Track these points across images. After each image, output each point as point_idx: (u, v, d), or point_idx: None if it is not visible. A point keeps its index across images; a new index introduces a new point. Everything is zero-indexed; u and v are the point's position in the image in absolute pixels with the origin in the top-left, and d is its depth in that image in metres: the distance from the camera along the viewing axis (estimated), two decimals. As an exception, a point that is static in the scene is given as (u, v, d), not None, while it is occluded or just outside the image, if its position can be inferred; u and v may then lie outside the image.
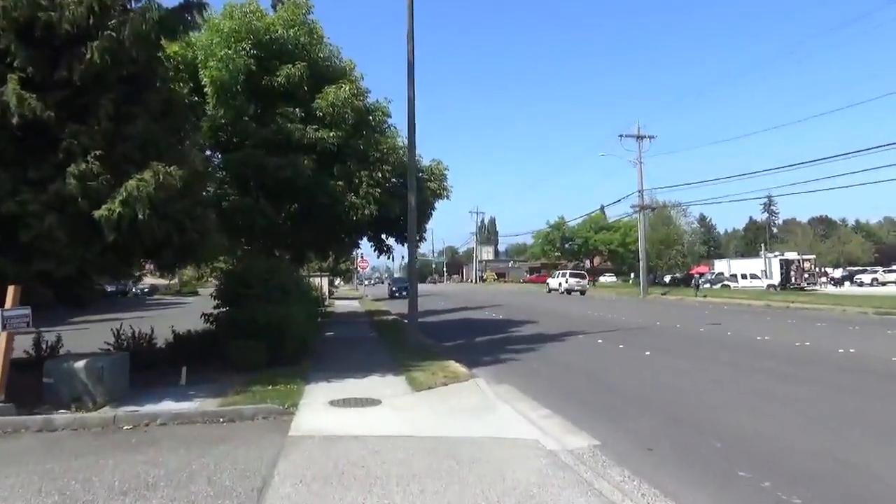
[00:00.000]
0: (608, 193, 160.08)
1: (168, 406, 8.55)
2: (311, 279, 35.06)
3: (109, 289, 62.98)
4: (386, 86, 76.05)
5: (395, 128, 17.90)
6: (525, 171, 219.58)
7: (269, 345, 11.46)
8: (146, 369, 11.10)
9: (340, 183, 16.01)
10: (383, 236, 20.19)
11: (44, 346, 11.48)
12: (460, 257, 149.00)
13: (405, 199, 17.84)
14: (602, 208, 79.63)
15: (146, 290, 67.72)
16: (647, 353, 13.74)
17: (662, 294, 46.80)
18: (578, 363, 13.02)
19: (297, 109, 15.82)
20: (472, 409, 8.61)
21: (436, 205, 20.15)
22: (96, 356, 9.25)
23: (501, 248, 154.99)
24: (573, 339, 17.12)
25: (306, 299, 12.96)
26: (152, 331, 12.00)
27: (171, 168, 9.15)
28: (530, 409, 8.67)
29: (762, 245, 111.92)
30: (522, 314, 27.26)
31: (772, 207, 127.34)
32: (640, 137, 48.59)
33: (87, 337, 13.54)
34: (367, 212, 16.03)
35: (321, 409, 8.46)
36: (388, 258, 65.20)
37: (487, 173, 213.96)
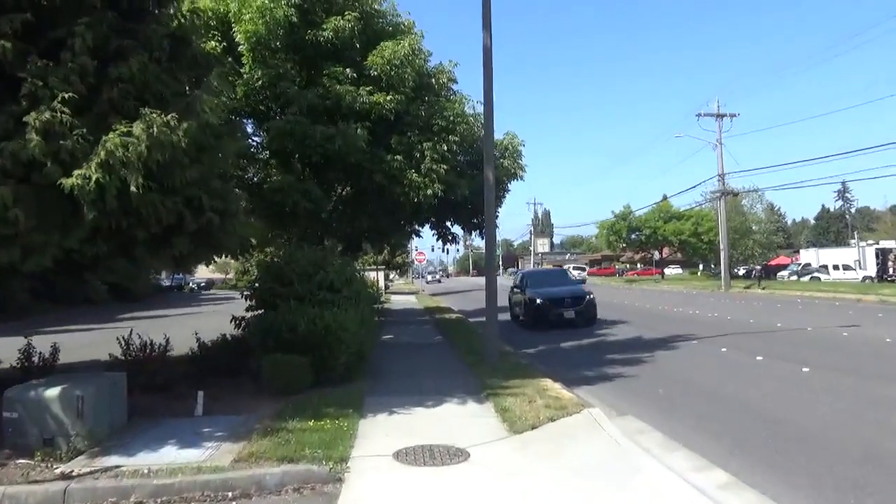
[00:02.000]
0: (676, 182, 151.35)
1: (168, 455, 5.97)
2: (365, 273, 32.71)
3: (166, 283, 63.14)
4: (449, 51, 71.96)
5: (463, 94, 15.00)
6: (584, 161, 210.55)
7: (314, 360, 8.83)
8: (158, 391, 8.62)
9: (399, 157, 13.27)
10: (448, 223, 17.39)
11: (36, 359, 9.17)
12: (515, 250, 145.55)
13: (474, 178, 15.06)
14: (665, 198, 74.91)
15: (202, 284, 67.35)
16: (805, 369, 10.48)
17: (746, 288, 42.49)
18: (715, 383, 9.90)
19: (348, 70, 13.14)
20: (605, 469, 5.70)
21: (510, 186, 17.20)
22: (78, 380, 6.76)
23: (556, 240, 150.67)
24: (686, 346, 13.91)
25: (362, 299, 10.22)
26: (167, 340, 9.51)
27: (170, 117, 6.54)
28: (694, 469, 5.68)
29: (836, 235, 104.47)
30: (602, 311, 24.01)
31: (846, 195, 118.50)
32: (719, 116, 44.10)
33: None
34: (430, 192, 13.24)
35: (383, 468, 5.70)
36: (444, 251, 62.48)
37: (542, 163, 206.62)
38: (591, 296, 19.45)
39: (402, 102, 13.40)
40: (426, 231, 24.15)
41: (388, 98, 13.10)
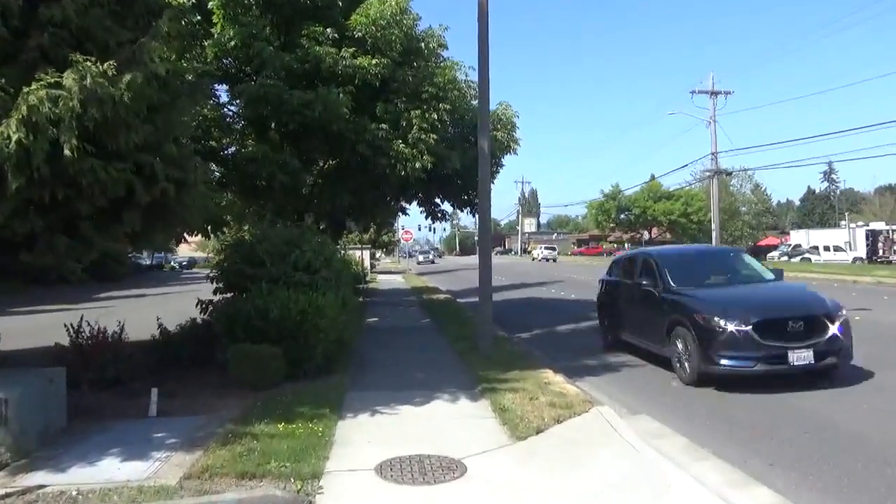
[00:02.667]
0: (665, 161, 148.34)
1: (108, 469, 5.00)
2: (349, 252, 31.68)
3: (146, 262, 61.63)
4: (439, 18, 70.12)
5: (454, 60, 13.85)
6: (571, 139, 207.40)
7: (288, 350, 7.84)
8: (109, 387, 7.61)
9: (385, 127, 12.19)
10: (437, 199, 16.34)
11: (-28, 349, 8.10)
12: (501, 230, 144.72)
13: (465, 151, 14.04)
14: (653, 177, 74.20)
15: (184, 263, 65.83)
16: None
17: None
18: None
19: (329, 30, 11.99)
20: (629, 487, 4.80)
21: (503, 161, 16.16)
22: (3, 379, 5.73)
23: (543, 220, 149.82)
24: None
25: (343, 281, 9.21)
26: (122, 327, 8.46)
27: (107, 65, 5.45)
28: (730, 484, 4.79)
29: (820, 216, 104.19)
30: (593, 292, 23.17)
31: (832, 176, 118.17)
32: (714, 93, 43.11)
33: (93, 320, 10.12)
34: (418, 164, 12.19)
35: (364, 488, 4.74)
36: (431, 230, 61.59)
37: (527, 140, 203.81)
38: (842, 315, 8.46)
39: (389, 67, 12.29)
40: (413, 209, 23.19)
41: (374, 62, 11.98)
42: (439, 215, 16.83)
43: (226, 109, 13.86)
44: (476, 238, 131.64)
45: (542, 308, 18.86)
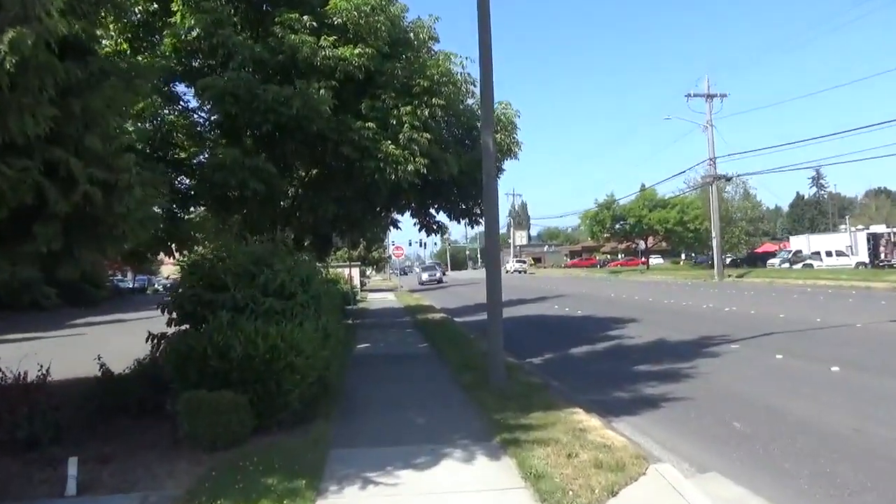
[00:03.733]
0: (656, 170, 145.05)
1: None
2: (336, 271, 30.03)
3: (128, 285, 59.48)
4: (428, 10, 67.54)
5: (448, 52, 12.32)
6: (559, 150, 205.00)
7: (255, 396, 6.22)
8: (23, 451, 5.94)
9: (372, 125, 10.63)
10: (432, 209, 14.76)
11: None
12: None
13: (461, 155, 12.57)
14: (643, 187, 72.91)
15: (169, 285, 63.67)
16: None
17: (739, 276, 40.62)
18: (804, 410, 7.45)
19: (306, 17, 10.46)
20: None
21: (504, 166, 14.63)
22: None
23: (533, 232, 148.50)
24: (725, 351, 11.51)
25: (325, 306, 7.58)
26: (46, 372, 6.79)
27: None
28: None
29: (811, 222, 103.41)
30: (603, 307, 21.67)
31: (821, 181, 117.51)
32: (709, 97, 42.10)
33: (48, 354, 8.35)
34: (410, 167, 10.63)
35: None
36: (421, 245, 60.36)
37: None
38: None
39: (374, 58, 10.75)
40: (406, 221, 21.60)
41: (357, 52, 10.44)
42: (434, 227, 15.25)
43: (196, 116, 12.30)
44: (470, 252, 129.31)
45: (550, 327, 17.29)
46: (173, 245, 11.22)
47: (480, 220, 15.09)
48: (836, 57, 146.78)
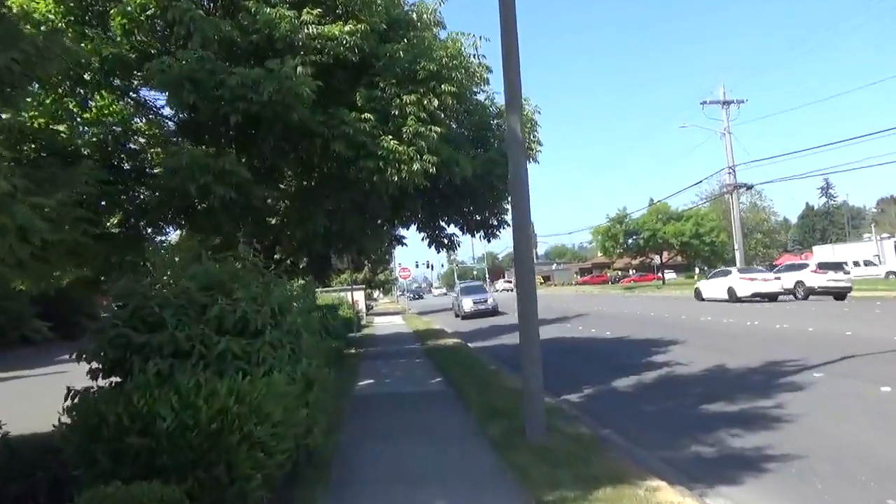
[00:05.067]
0: (667, 183, 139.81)
1: None
2: (340, 294, 28.05)
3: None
4: None
5: (458, 32, 10.39)
6: (566, 167, 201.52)
7: (196, 487, 4.18)
8: None
9: (370, 117, 8.70)
10: (442, 221, 12.74)
11: None
12: (500, 263, 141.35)
13: (475, 156, 10.67)
14: (652, 202, 70.80)
15: (170, 314, 61.75)
16: None
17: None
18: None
19: (284, -12, 8.61)
20: None
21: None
22: None
23: (540, 250, 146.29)
24: (812, 383, 9.31)
25: (308, 345, 5.53)
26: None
27: None
28: None
29: (822, 233, 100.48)
30: (632, 327, 19.52)
31: (830, 191, 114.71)
32: (726, 103, 40.25)
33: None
34: (416, 167, 8.66)
35: None
36: (428, 266, 57.68)
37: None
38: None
39: (370, 38, 8.85)
40: (412, 237, 19.49)
41: (348, 30, 8.55)
42: (445, 243, 13.22)
43: (161, 116, 10.44)
44: (478, 272, 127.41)
45: (580, 353, 15.13)
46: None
47: (498, 233, 13.10)
48: (855, 58, 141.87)
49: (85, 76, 8.67)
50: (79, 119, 9.05)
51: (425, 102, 9.03)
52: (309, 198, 10.22)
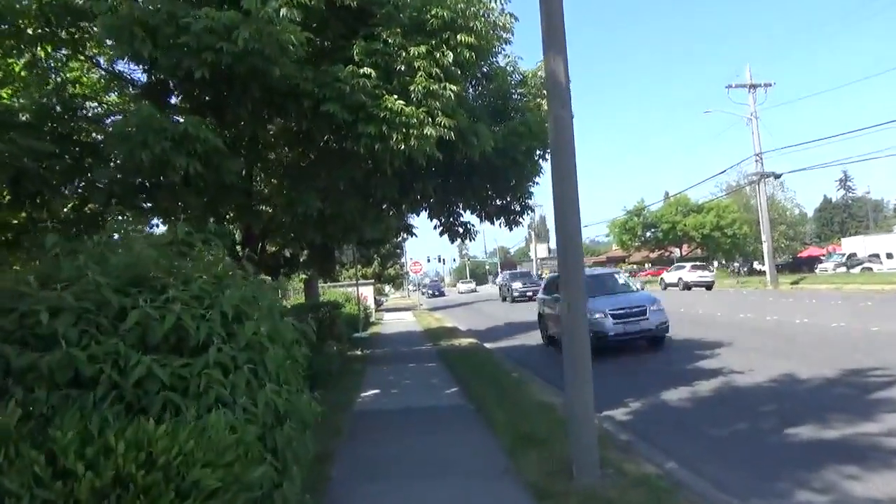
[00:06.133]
0: (692, 169, 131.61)
1: None
2: (348, 290, 26.55)
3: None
4: None
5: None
6: (581, 155, 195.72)
7: None
8: None
9: (371, 73, 7.07)
10: (457, 205, 11.08)
11: None
12: (512, 257, 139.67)
13: (502, 117, 9.10)
14: (667, 195, 68.74)
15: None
16: None
17: (794, 283, 36.38)
18: None
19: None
20: None
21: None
22: None
23: (552, 245, 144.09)
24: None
25: (277, 362, 3.88)
26: None
27: None
28: None
29: (840, 226, 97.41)
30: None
31: (848, 183, 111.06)
32: (752, 87, 38.19)
33: None
34: (428, 132, 7.03)
35: None
36: (440, 261, 55.64)
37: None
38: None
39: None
40: (422, 225, 17.75)
41: (341, -35, 6.94)
42: (461, 231, 11.54)
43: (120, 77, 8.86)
44: (490, 267, 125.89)
45: (609, 354, 13.31)
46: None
47: (521, 220, 11.46)
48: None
49: (23, 26, 7.12)
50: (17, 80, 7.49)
51: (437, 56, 7.39)
52: (298, 175, 8.61)
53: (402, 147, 6.99)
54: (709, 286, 39.08)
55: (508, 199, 10.96)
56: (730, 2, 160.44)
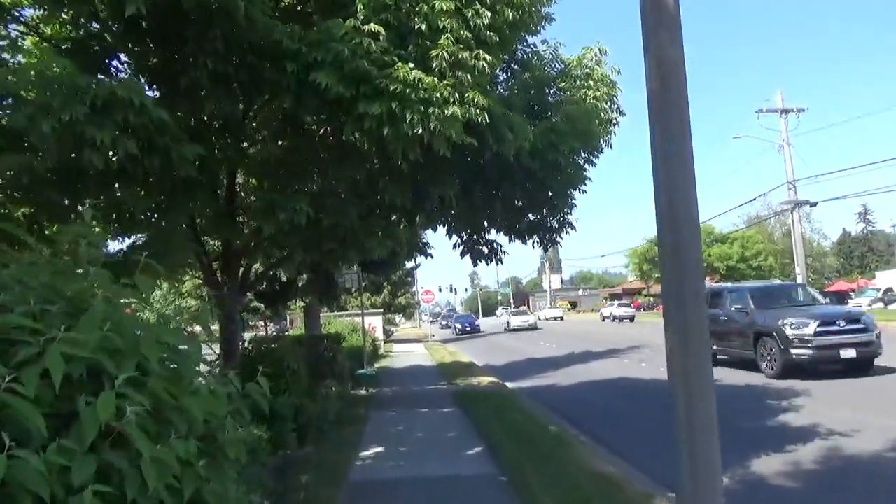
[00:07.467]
0: (715, 198, 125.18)
1: None
2: (355, 320, 24.62)
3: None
4: None
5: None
6: (594, 184, 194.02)
7: None
8: None
9: (376, 29, 5.24)
10: (484, 219, 9.13)
11: None
12: (524, 288, 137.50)
13: (538, 114, 7.28)
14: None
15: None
16: None
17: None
18: None
19: None
20: None
21: (597, 158, 8.92)
22: None
23: (566, 276, 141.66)
24: None
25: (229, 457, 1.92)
26: None
27: None
28: None
29: (860, 259, 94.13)
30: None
31: (868, 216, 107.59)
32: (783, 111, 36.36)
33: None
34: (452, 111, 5.17)
35: None
36: (451, 290, 53.60)
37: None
38: None
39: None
40: (440, 243, 15.88)
41: None
42: (486, 251, 9.57)
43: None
44: (502, 297, 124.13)
45: (660, 400, 11.26)
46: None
47: (560, 238, 9.50)
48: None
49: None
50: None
51: (469, 15, 5.54)
52: (282, 173, 6.74)
53: (419, 131, 5.12)
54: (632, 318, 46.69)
55: (545, 212, 9.04)
56: (745, 29, 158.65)
